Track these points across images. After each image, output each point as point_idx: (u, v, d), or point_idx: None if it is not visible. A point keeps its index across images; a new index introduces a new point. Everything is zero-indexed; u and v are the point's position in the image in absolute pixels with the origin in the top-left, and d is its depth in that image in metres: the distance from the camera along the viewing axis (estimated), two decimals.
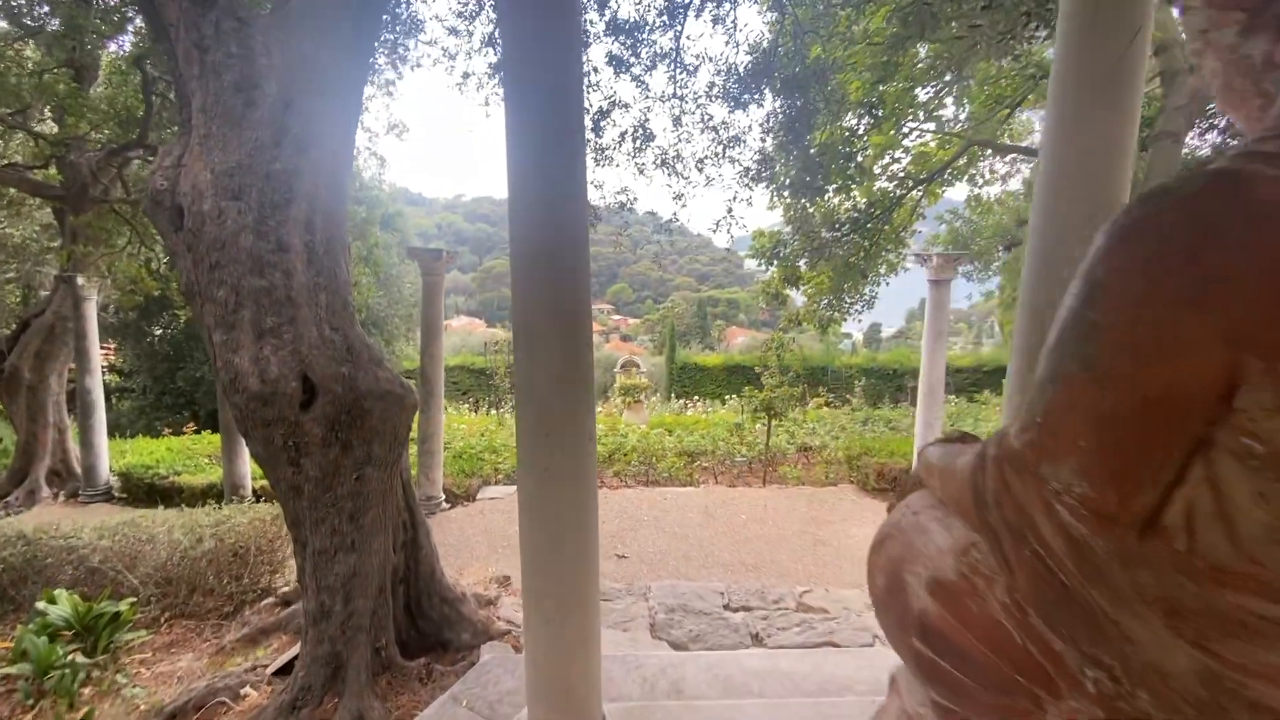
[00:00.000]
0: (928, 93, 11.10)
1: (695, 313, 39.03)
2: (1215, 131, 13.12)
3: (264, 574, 3.80)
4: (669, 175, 5.52)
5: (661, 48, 4.73)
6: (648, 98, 4.94)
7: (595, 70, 4.86)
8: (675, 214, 6.33)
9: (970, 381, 18.53)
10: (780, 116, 7.14)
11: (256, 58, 2.16)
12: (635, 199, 5.27)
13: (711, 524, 5.29)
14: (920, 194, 12.64)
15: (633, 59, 4.63)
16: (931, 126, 12.36)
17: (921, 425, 5.72)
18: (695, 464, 7.04)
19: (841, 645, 3.17)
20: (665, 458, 6.89)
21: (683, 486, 6.47)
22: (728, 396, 16.90)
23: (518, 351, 1.60)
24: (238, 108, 2.19)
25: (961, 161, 12.94)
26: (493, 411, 13.65)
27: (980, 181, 13.69)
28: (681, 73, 4.75)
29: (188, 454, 6.81)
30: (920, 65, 8.62)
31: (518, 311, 1.56)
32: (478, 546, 4.79)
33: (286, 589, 3.53)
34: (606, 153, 4.93)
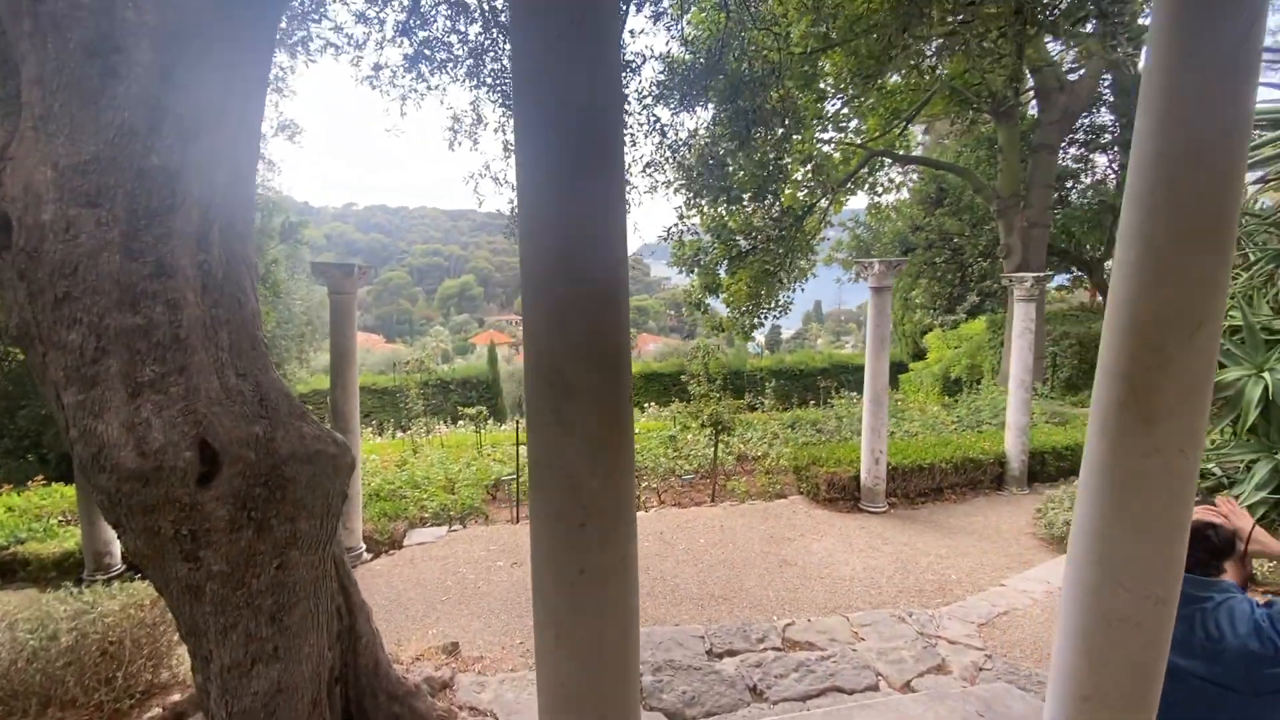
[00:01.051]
0: (835, 104, 11.46)
1: None
2: (1077, 146, 14.49)
3: (145, 672, 3.03)
4: None
5: None
6: None
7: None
8: None
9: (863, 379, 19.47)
10: (717, 125, 7.03)
11: (119, 9, 1.56)
12: None
13: (671, 552, 4.95)
14: (828, 203, 13.12)
15: None
16: (837, 136, 12.81)
17: (868, 431, 5.69)
18: (641, 484, 6.68)
19: (847, 690, 2.92)
20: None
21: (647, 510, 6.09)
22: (647, 404, 16.71)
23: (538, 415, 1.17)
24: (92, 79, 1.57)
25: (863, 171, 13.56)
26: (399, 434, 12.62)
27: (879, 191, 14.46)
28: (624, 72, 4.41)
29: (34, 514, 5.57)
30: (832, 78, 8.83)
31: (538, 368, 1.15)
32: (412, 604, 4.16)
33: (179, 699, 2.80)
34: None
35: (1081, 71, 12.04)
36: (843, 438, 7.94)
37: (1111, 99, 13.59)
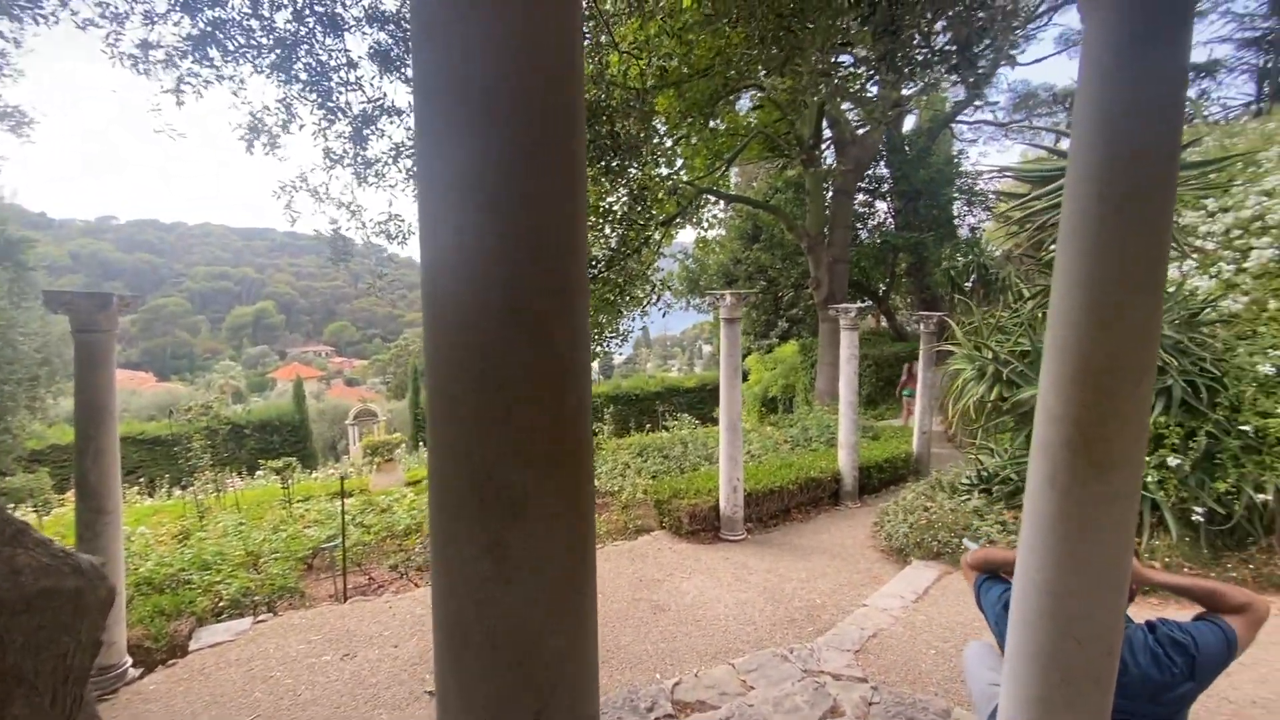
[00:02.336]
0: (668, 141, 11.92)
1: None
2: (864, 192, 16.64)
3: None
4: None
5: None
6: None
7: (353, 65, 3.78)
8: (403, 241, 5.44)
9: (697, 400, 20.66)
10: None
11: None
12: (410, 229, 4.25)
13: None
14: (659, 236, 13.61)
15: (407, 54, 3.70)
16: (669, 172, 13.34)
17: (726, 460, 5.74)
18: None
19: None
20: None
21: None
22: None
23: (439, 470, 0.77)
24: None
25: (690, 207, 14.27)
26: (176, 492, 10.39)
27: (706, 226, 15.36)
28: None
29: None
30: (664, 116, 9.15)
31: (441, 421, 0.75)
32: None
33: None
34: (375, 168, 3.85)
35: (868, 128, 13.93)
36: (692, 464, 8.02)
37: (887, 154, 16.00)
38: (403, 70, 3.65)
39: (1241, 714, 2.89)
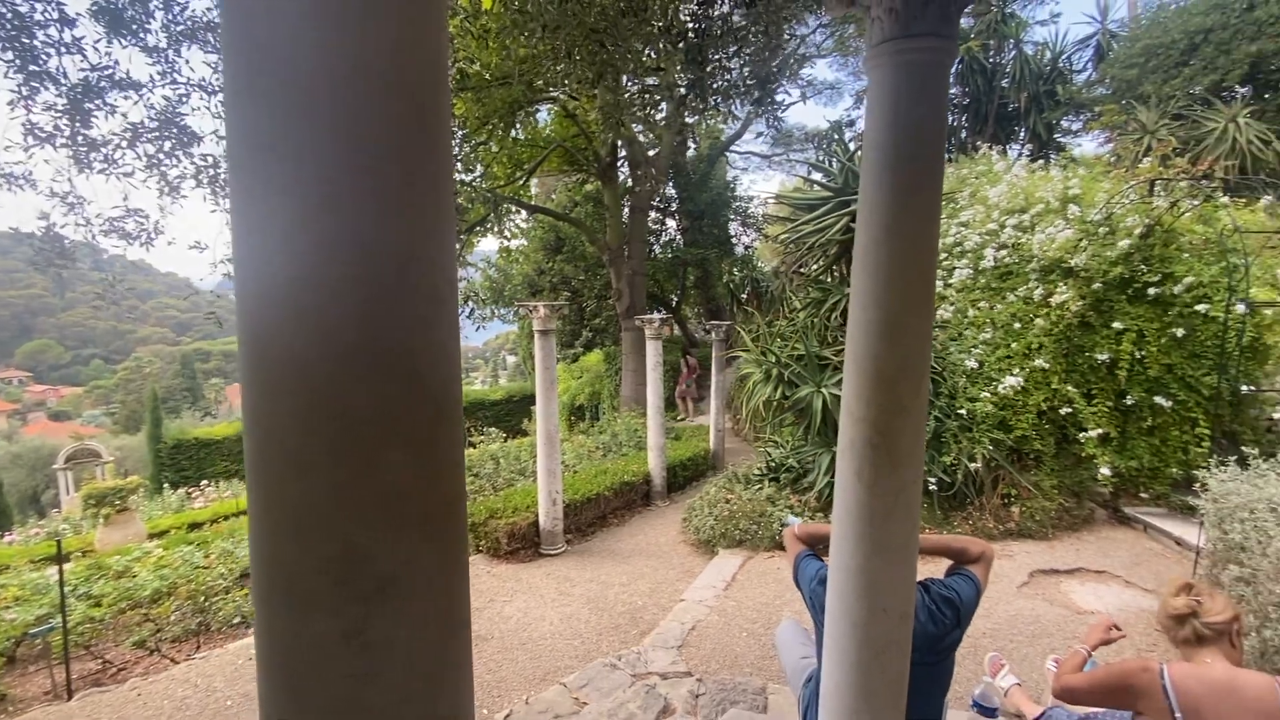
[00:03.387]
0: (467, 148, 11.50)
1: (178, 371, 30.37)
2: (656, 210, 17.63)
3: None
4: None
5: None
6: (170, 75, 3.33)
7: (69, 23, 2.99)
8: (148, 242, 4.49)
9: (505, 412, 20.30)
10: None
11: None
12: (160, 226, 3.47)
13: None
14: (460, 245, 13.07)
15: (145, 17, 3.02)
16: (468, 176, 12.87)
17: (544, 474, 5.65)
18: None
19: None
20: (226, 591, 4.82)
21: None
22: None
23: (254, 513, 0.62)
24: None
25: (491, 216, 13.94)
26: None
27: (508, 236, 15.12)
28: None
29: None
30: (462, 120, 8.81)
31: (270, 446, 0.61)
32: None
33: None
34: (105, 151, 3.07)
35: (658, 149, 14.88)
36: (506, 480, 7.78)
37: (674, 176, 17.30)
38: (139, 34, 2.93)
39: (978, 644, 3.61)
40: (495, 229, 14.24)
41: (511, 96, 7.40)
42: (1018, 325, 5.44)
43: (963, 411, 5.23)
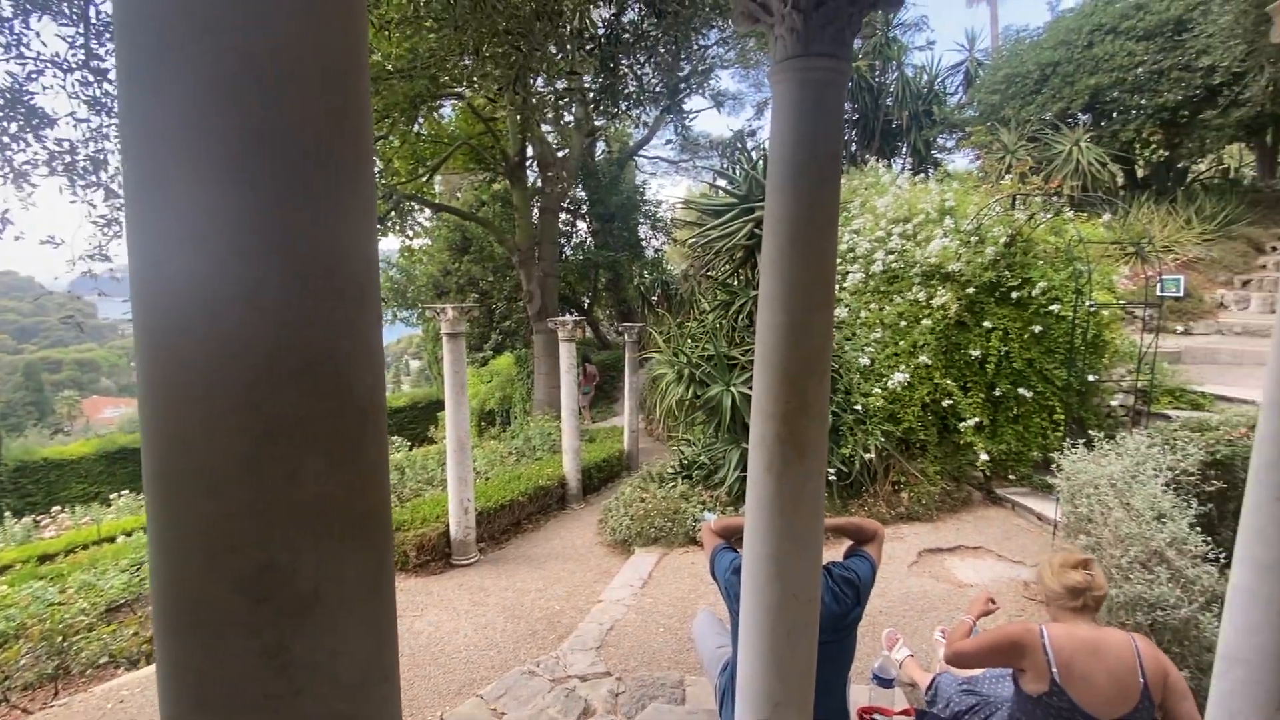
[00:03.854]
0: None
1: (20, 384, 26.62)
2: (566, 212, 17.53)
3: None
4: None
5: None
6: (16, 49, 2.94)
7: None
8: None
9: (409, 420, 19.49)
10: None
11: None
12: (7, 217, 3.04)
13: None
14: None
15: None
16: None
17: (455, 481, 5.48)
18: (125, 615, 4.69)
19: None
20: (89, 628, 4.29)
21: (139, 668, 4.18)
22: (117, 494, 12.43)
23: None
24: None
25: (392, 214, 13.36)
26: None
27: (411, 235, 14.51)
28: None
29: None
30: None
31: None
32: None
33: None
34: None
35: (567, 150, 14.82)
36: (413, 491, 7.47)
37: (583, 178, 17.30)
38: None
39: (875, 621, 3.87)
40: (397, 227, 13.64)
41: (414, 90, 7.12)
42: (904, 325, 5.91)
43: (858, 406, 5.61)
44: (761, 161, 6.54)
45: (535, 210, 14.53)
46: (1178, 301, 7.63)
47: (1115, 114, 10.37)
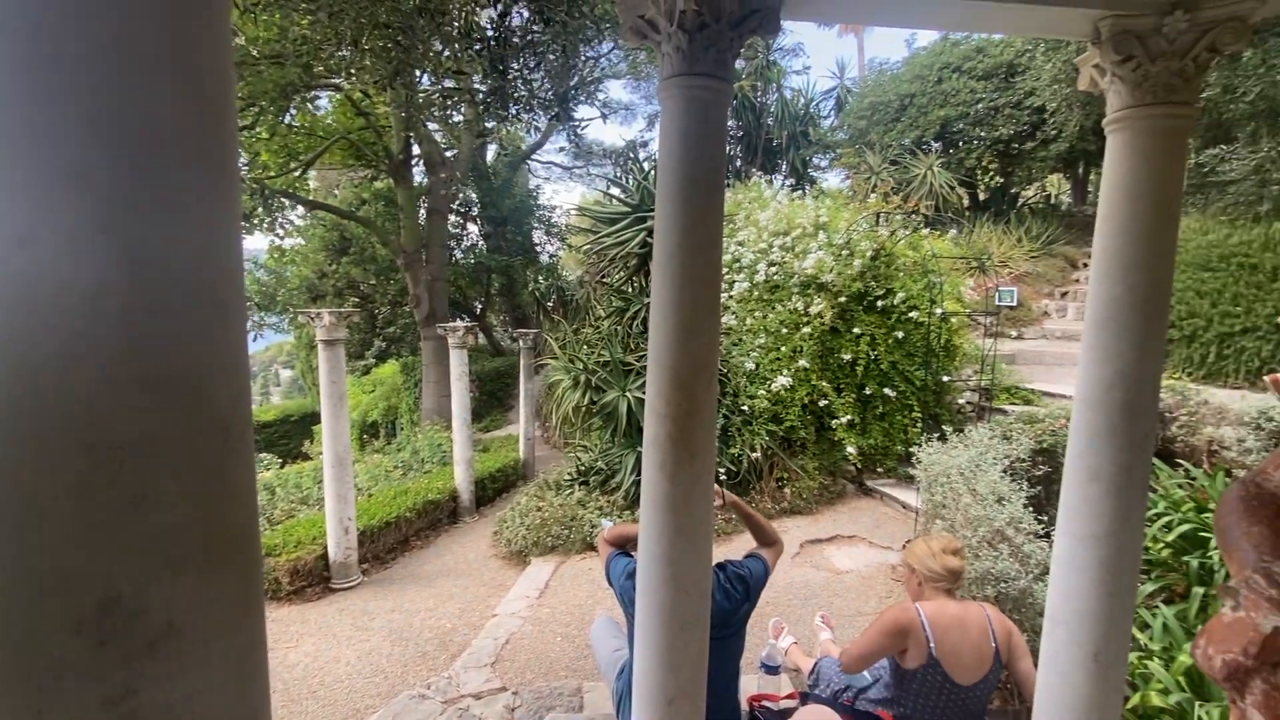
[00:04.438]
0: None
1: None
2: (456, 214, 17.04)
3: None
4: None
5: None
6: None
7: None
8: None
9: (280, 435, 17.98)
10: None
11: None
12: None
13: None
14: None
15: None
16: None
17: (334, 499, 5.11)
18: None
19: None
20: None
21: None
22: None
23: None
24: None
25: (260, 211, 12.29)
26: None
27: (281, 233, 13.37)
28: None
29: None
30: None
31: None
32: None
33: None
34: None
35: (456, 150, 14.34)
36: (285, 512, 6.87)
37: (475, 180, 16.81)
38: None
39: (763, 612, 4.06)
40: (266, 225, 12.52)
41: (285, 78, 6.57)
42: (785, 332, 6.29)
43: (745, 408, 5.89)
44: (653, 172, 6.71)
45: (422, 211, 13.92)
46: (1012, 310, 8.72)
47: (961, 143, 11.69)
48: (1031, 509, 3.61)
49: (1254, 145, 7.00)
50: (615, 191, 8.02)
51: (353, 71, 3.49)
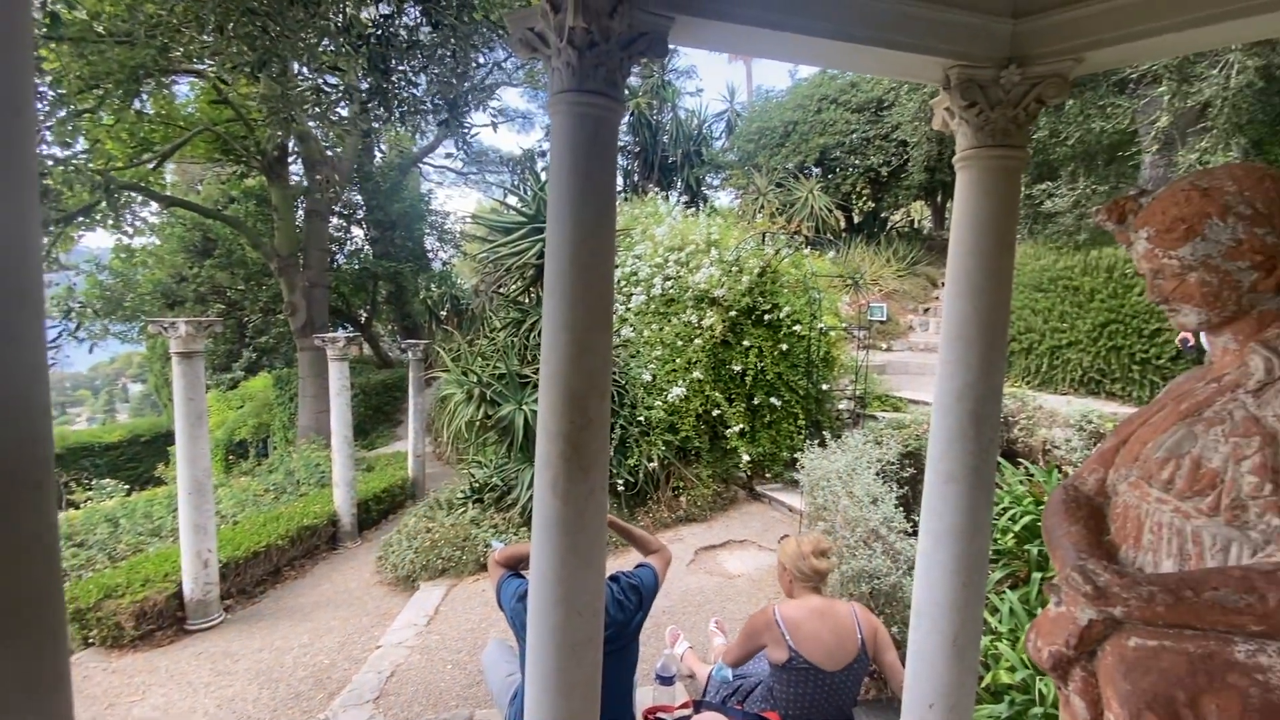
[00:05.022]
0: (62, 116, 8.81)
1: None
2: (339, 216, 16.01)
3: None
4: None
5: None
6: None
7: None
8: None
9: (127, 458, 16.03)
10: None
11: None
12: None
13: None
14: (52, 239, 9.89)
15: None
16: (62, 152, 9.83)
17: (191, 530, 4.58)
18: None
19: None
20: None
21: None
22: None
23: None
24: None
25: (103, 205, 10.92)
26: None
27: (131, 232, 11.91)
28: None
29: None
30: (70, 79, 6.68)
31: None
32: None
33: None
34: None
35: (339, 150, 13.46)
36: (132, 547, 6.05)
37: (360, 182, 15.85)
38: None
39: (659, 622, 4.11)
40: (110, 222, 11.08)
41: (135, 60, 5.85)
42: (680, 344, 6.45)
43: (642, 419, 5.96)
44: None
45: (300, 212, 12.93)
46: (882, 324, 9.49)
47: (838, 169, 12.63)
48: (901, 509, 3.92)
49: (1073, 183, 8.14)
50: (512, 200, 7.88)
51: (214, 57, 3.17)
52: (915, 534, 3.67)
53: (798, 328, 6.57)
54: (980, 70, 1.91)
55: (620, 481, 5.71)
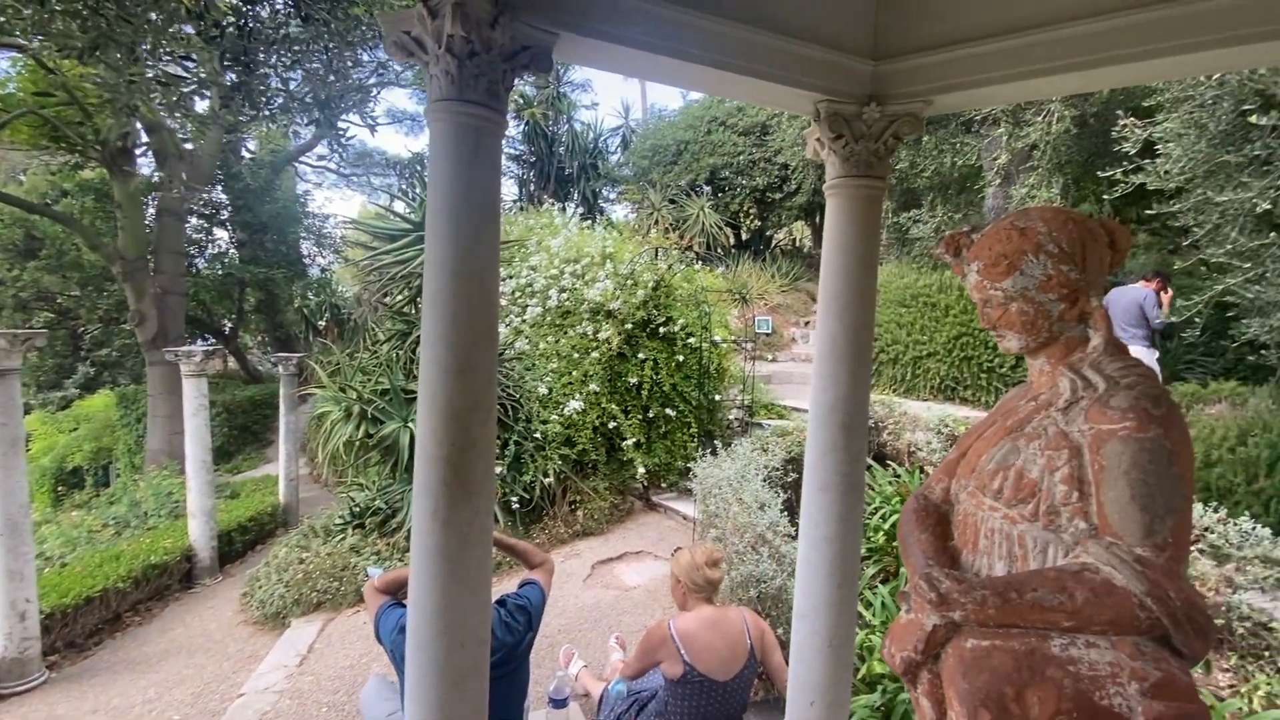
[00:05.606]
0: None
1: None
2: (199, 217, 14.52)
3: None
4: None
5: None
6: None
7: None
8: None
9: None
10: None
11: None
12: None
13: None
14: None
15: None
16: None
17: (6, 577, 3.91)
18: None
19: None
20: None
21: None
22: None
23: None
24: None
25: None
26: None
27: None
28: None
29: None
30: None
31: None
32: None
33: None
34: None
35: (200, 143, 12.20)
36: None
37: (225, 180, 14.43)
38: None
39: (554, 641, 4.03)
40: None
41: None
42: (576, 357, 6.42)
43: (538, 433, 5.86)
44: None
45: (151, 210, 11.57)
46: (768, 337, 10.00)
47: (727, 189, 13.20)
48: (786, 513, 4.12)
49: (934, 210, 9.05)
50: (399, 206, 7.50)
51: (38, 33, 2.74)
52: (798, 538, 3.88)
53: (691, 340, 6.76)
54: (845, 105, 2.07)
55: (515, 499, 5.57)
